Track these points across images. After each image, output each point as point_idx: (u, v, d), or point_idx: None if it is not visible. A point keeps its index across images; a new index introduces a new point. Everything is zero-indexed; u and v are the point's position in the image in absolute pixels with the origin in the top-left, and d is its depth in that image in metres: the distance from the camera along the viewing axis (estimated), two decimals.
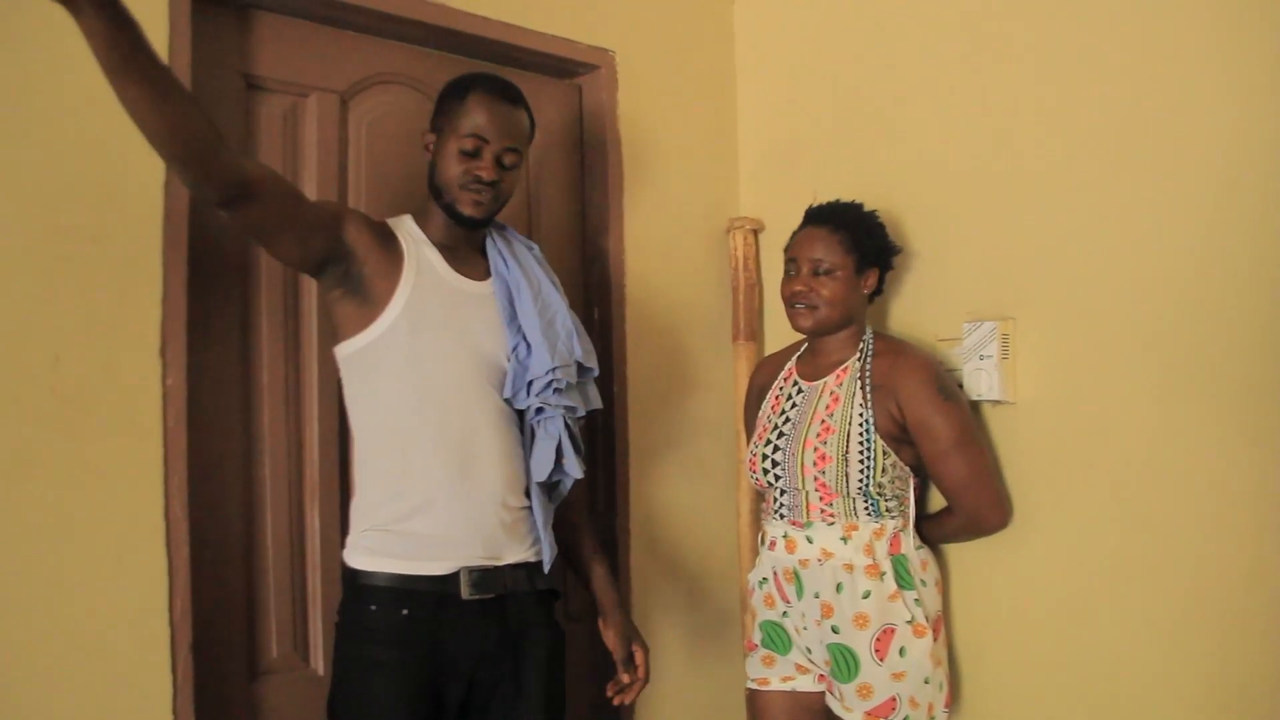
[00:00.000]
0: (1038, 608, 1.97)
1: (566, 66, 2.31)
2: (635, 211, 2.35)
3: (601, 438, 2.30)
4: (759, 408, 2.14)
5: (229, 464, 1.82)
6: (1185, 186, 1.78)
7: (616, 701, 1.79)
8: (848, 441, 1.91)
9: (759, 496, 2.21)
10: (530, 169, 2.27)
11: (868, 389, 1.94)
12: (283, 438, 1.88)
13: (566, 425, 1.71)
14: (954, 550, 2.09)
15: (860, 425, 1.92)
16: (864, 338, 2.03)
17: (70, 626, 1.56)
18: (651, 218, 2.38)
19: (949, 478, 1.93)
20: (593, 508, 2.30)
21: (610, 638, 1.81)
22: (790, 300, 2.02)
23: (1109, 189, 1.88)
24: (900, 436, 1.94)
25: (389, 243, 1.67)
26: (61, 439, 1.57)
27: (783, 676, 2.03)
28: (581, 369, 1.76)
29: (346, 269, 1.62)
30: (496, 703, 1.66)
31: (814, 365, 2.07)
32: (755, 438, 2.09)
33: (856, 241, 2.00)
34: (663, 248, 2.40)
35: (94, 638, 1.58)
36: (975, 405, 2.03)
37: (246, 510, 1.84)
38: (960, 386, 2.02)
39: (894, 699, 1.85)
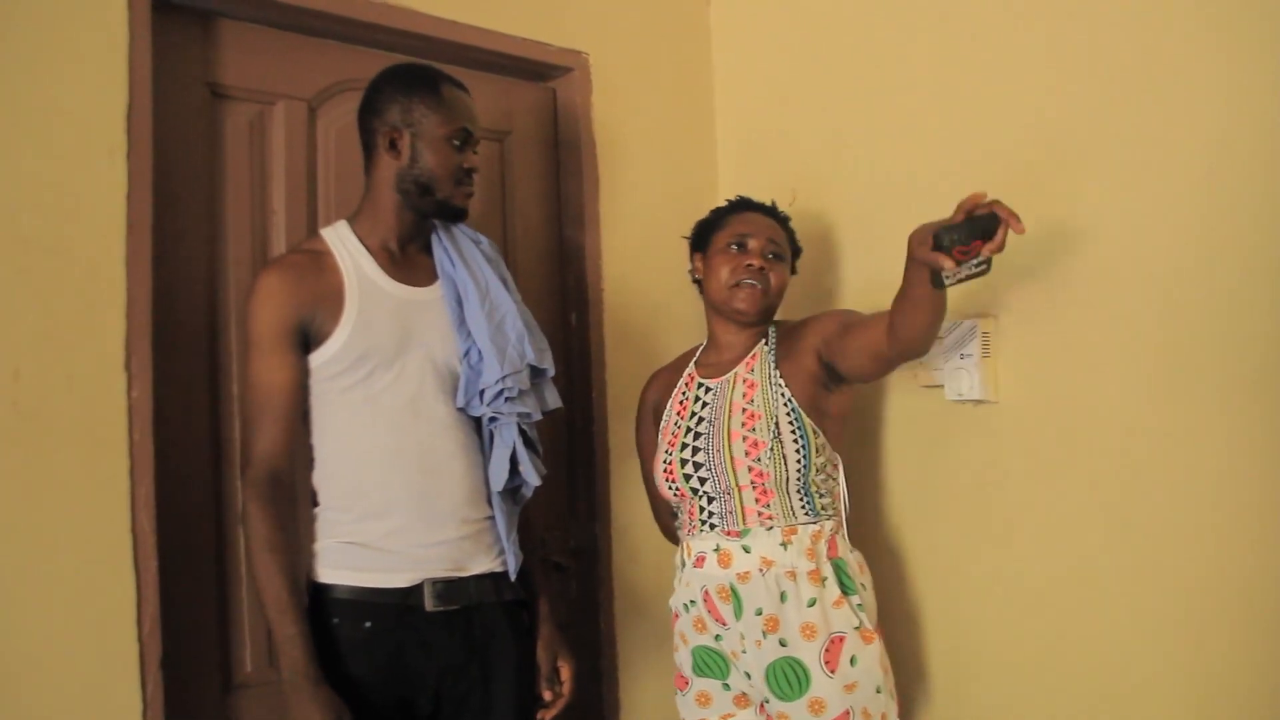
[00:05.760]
0: (1018, 607, 1.94)
1: (539, 69, 2.29)
2: (611, 214, 2.33)
3: (580, 443, 2.28)
4: (658, 424, 2.00)
5: (197, 476, 1.80)
6: (1168, 184, 1.75)
7: (539, 717, 1.75)
8: (778, 425, 1.81)
9: (671, 514, 2.01)
10: (504, 173, 2.25)
11: (778, 365, 1.87)
12: None
13: (522, 431, 1.69)
14: (934, 548, 2.07)
15: (785, 404, 1.83)
16: (769, 329, 1.97)
17: (35, 645, 1.54)
18: (628, 220, 2.36)
19: (872, 319, 1.78)
20: (574, 514, 2.28)
21: (537, 651, 1.77)
22: (742, 277, 1.88)
23: (1091, 185, 1.85)
24: (821, 390, 1.85)
25: (323, 275, 1.62)
26: (23, 454, 1.55)
27: (722, 715, 1.87)
28: (536, 370, 1.72)
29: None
30: (466, 715, 1.63)
31: (717, 364, 1.95)
32: (665, 446, 1.93)
33: (790, 238, 2.01)
34: (640, 250, 2.37)
35: (60, 656, 1.55)
36: (955, 405, 2.01)
37: (216, 523, 1.82)
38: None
39: (847, 712, 1.75)
